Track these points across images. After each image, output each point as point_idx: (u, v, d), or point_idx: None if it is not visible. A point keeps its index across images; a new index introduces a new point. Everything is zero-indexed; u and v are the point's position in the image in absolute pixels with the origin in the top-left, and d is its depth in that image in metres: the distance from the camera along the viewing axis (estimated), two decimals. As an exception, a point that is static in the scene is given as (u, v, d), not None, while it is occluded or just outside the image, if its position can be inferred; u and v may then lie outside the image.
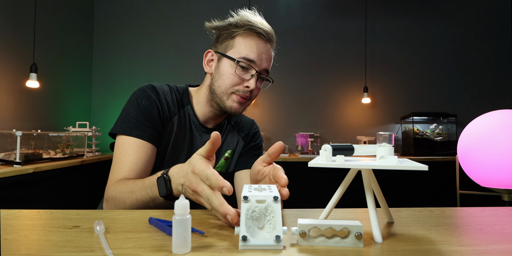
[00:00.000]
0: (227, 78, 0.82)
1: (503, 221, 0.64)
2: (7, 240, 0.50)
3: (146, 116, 0.77)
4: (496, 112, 1.44)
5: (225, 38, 0.85)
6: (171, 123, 0.82)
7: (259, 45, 0.83)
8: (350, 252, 0.46)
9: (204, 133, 0.88)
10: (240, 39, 0.83)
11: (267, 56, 0.84)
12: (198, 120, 0.87)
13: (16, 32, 2.22)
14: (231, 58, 0.82)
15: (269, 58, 0.85)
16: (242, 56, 0.81)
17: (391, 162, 0.52)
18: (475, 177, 1.44)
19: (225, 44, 0.85)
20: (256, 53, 0.82)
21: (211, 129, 0.89)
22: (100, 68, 3.19)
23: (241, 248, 0.47)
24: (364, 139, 2.87)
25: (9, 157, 1.65)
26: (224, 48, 0.84)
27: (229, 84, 0.82)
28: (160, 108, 0.80)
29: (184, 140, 0.84)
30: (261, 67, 0.83)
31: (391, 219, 0.64)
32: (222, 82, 0.82)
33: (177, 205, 0.46)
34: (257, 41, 0.83)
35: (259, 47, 0.83)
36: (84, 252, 0.45)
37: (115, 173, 0.74)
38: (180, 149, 0.84)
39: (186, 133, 0.85)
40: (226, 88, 0.82)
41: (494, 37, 3.20)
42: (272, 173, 0.60)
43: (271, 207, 0.49)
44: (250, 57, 0.81)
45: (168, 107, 0.82)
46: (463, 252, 0.47)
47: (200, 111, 0.88)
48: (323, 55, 3.20)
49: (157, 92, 0.82)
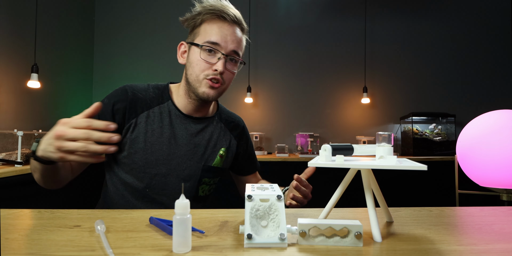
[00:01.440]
0: (195, 65, 0.82)
1: (501, 221, 0.64)
2: (9, 239, 0.50)
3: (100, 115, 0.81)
4: (495, 112, 1.44)
5: (193, 28, 0.85)
6: (137, 119, 0.83)
7: (223, 28, 0.82)
8: (350, 252, 0.46)
9: (191, 122, 0.88)
10: (205, 25, 0.83)
11: (233, 38, 0.82)
12: (181, 113, 0.87)
13: (17, 33, 2.22)
14: (197, 44, 0.82)
15: (236, 39, 0.83)
16: (206, 40, 0.81)
17: (391, 162, 0.53)
18: (474, 177, 1.44)
19: (193, 33, 0.85)
20: (219, 36, 0.81)
21: (197, 119, 0.89)
22: (101, 68, 3.18)
23: (246, 246, 0.48)
24: (363, 139, 2.88)
25: (10, 157, 1.65)
26: (192, 37, 0.85)
27: (198, 70, 0.81)
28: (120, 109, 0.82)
29: (161, 136, 0.85)
30: (228, 49, 0.82)
31: (391, 219, 0.64)
32: (192, 70, 0.83)
33: (177, 205, 0.46)
34: (220, 24, 0.82)
35: (223, 30, 0.82)
36: (85, 251, 0.45)
37: None
38: (161, 142, 0.84)
39: (164, 128, 0.85)
40: (196, 75, 0.82)
41: (493, 38, 3.20)
42: None
43: (275, 206, 0.50)
44: (213, 40, 0.80)
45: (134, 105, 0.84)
46: (462, 251, 0.47)
47: (181, 104, 0.88)
48: (322, 55, 3.20)
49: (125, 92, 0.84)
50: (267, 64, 3.16)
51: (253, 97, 3.11)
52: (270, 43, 3.17)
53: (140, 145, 0.83)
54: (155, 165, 0.84)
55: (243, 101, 3.12)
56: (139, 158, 0.83)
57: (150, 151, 0.83)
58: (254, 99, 3.14)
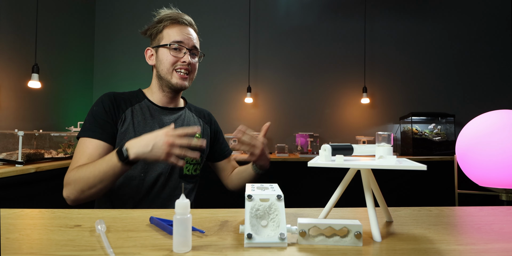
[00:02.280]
0: (166, 61, 0.99)
1: (501, 220, 0.65)
2: (9, 239, 0.50)
3: (96, 120, 0.93)
4: (494, 112, 1.44)
5: (156, 34, 1.03)
6: (125, 114, 0.97)
7: (182, 30, 1.01)
8: (350, 251, 0.47)
9: (168, 113, 1.04)
10: (167, 30, 1.01)
11: (191, 37, 1.02)
12: (158, 106, 1.03)
13: (18, 33, 2.22)
14: (165, 45, 0.99)
15: (194, 37, 1.03)
16: (172, 41, 0.99)
17: (390, 162, 0.53)
18: (473, 176, 1.44)
19: (157, 38, 1.02)
20: (182, 36, 1.00)
21: (172, 109, 1.05)
22: (101, 68, 3.18)
23: (246, 245, 0.48)
24: (363, 139, 2.88)
25: (11, 157, 1.65)
26: (157, 42, 1.02)
27: (169, 64, 0.99)
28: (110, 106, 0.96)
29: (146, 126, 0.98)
30: (190, 45, 1.01)
31: (390, 218, 0.64)
32: (163, 66, 0.99)
33: (177, 205, 0.46)
34: (179, 27, 1.01)
35: (183, 31, 1.01)
36: (85, 251, 0.45)
37: (73, 164, 0.88)
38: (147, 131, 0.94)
39: (147, 119, 0.99)
40: (167, 69, 0.99)
41: (492, 38, 3.20)
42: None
43: (275, 206, 0.50)
44: (178, 39, 0.99)
45: (119, 103, 0.98)
46: (461, 251, 0.47)
47: (157, 99, 1.04)
48: (322, 56, 3.21)
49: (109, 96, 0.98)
50: (267, 65, 3.16)
51: (253, 97, 3.11)
52: (270, 44, 3.17)
53: (130, 135, 0.94)
54: None
55: (243, 101, 3.13)
56: None
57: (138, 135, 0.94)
58: (254, 99, 3.14)
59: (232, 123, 3.11)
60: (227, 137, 2.90)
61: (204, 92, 3.08)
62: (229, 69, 3.10)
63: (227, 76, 3.11)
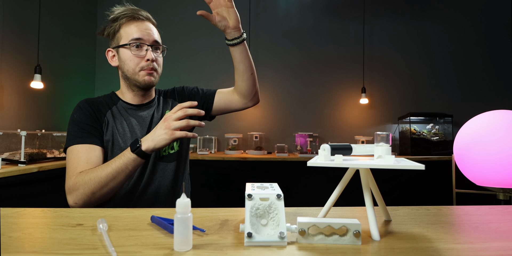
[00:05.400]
0: (129, 61, 0.96)
1: (498, 219, 0.65)
2: (12, 238, 0.50)
3: (80, 127, 0.92)
4: (491, 112, 1.45)
5: (114, 34, 0.99)
6: (106, 119, 0.97)
7: (140, 26, 0.97)
8: (349, 250, 0.47)
9: (144, 109, 1.03)
10: (123, 28, 0.97)
11: (150, 31, 0.98)
12: (133, 105, 1.02)
13: (20, 34, 2.23)
14: (124, 44, 0.96)
15: (153, 31, 0.99)
16: (131, 39, 0.95)
17: (389, 162, 0.53)
18: (471, 176, 1.45)
19: (115, 38, 0.99)
20: (140, 32, 0.95)
21: (147, 104, 1.04)
22: (103, 69, 3.18)
23: (246, 244, 0.48)
24: (362, 139, 2.89)
25: (14, 156, 1.65)
26: (117, 41, 0.98)
27: (133, 64, 0.96)
28: (91, 111, 0.96)
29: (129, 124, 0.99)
30: (151, 40, 0.97)
31: (389, 217, 0.65)
32: (128, 66, 0.96)
33: (178, 204, 0.46)
34: (136, 23, 0.97)
35: (140, 27, 0.96)
36: (87, 249, 0.46)
37: (72, 172, 0.85)
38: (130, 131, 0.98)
39: (126, 119, 0.99)
40: (133, 69, 0.96)
41: (490, 39, 3.21)
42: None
43: (275, 205, 0.50)
44: (136, 36, 0.95)
45: (98, 108, 0.98)
46: (459, 249, 0.48)
47: (129, 99, 1.02)
48: (321, 57, 3.21)
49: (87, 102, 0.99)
50: (266, 65, 3.16)
51: (252, 97, 3.11)
52: (269, 44, 3.17)
53: (116, 138, 0.95)
54: None
55: (242, 101, 3.12)
56: (118, 148, 0.95)
57: (124, 140, 0.96)
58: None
59: (232, 123, 3.12)
60: (227, 137, 2.91)
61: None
62: (229, 69, 3.10)
63: (227, 77, 3.11)
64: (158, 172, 0.98)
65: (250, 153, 2.77)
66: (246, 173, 2.49)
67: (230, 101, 1.11)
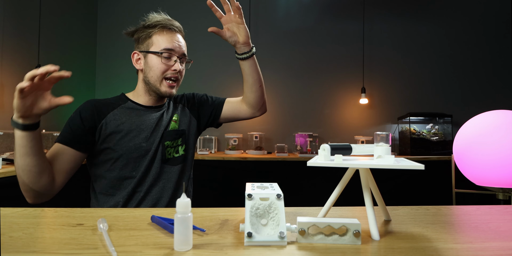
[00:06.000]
0: (156, 69, 0.99)
1: (497, 219, 0.65)
2: (13, 237, 0.51)
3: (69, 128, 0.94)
4: (491, 112, 1.45)
5: (144, 39, 1.02)
6: (106, 118, 0.97)
7: (173, 37, 1.01)
8: (348, 250, 0.47)
9: (153, 111, 1.05)
10: (156, 36, 1.00)
11: (181, 43, 1.02)
12: (142, 106, 1.04)
13: (21, 35, 2.23)
14: (155, 52, 0.99)
15: (183, 45, 1.04)
16: (163, 48, 0.98)
17: (388, 161, 0.53)
18: (470, 176, 1.45)
19: (145, 43, 1.01)
20: (172, 43, 1.00)
21: (157, 107, 1.06)
22: (103, 69, 3.18)
23: (246, 244, 0.48)
24: (361, 139, 2.89)
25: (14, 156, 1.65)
26: (146, 47, 1.01)
27: (159, 72, 0.99)
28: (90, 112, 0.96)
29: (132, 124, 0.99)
30: (180, 53, 1.01)
31: (388, 217, 0.65)
32: (153, 73, 0.99)
33: (178, 204, 0.47)
34: (170, 34, 1.01)
35: (173, 39, 1.01)
36: (87, 249, 0.46)
37: None
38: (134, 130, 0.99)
39: (133, 118, 1.00)
40: (157, 76, 0.99)
41: (489, 39, 3.21)
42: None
43: (275, 205, 0.50)
44: (169, 47, 0.99)
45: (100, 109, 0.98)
46: (459, 249, 0.48)
47: (143, 101, 1.05)
48: (321, 57, 3.21)
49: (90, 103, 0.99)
50: (267, 65, 3.16)
51: (252, 97, 3.11)
52: (269, 44, 3.17)
53: (117, 137, 0.96)
54: (134, 150, 0.97)
55: (241, 101, 3.13)
56: (119, 148, 0.96)
57: (127, 139, 0.97)
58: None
59: (232, 123, 3.12)
60: (228, 137, 2.91)
61: (203, 92, 3.08)
62: (229, 70, 3.10)
63: (227, 77, 3.11)
64: (163, 174, 1.01)
65: (250, 153, 2.77)
66: (246, 173, 2.49)
67: (239, 110, 1.15)
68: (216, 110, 1.15)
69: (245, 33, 0.97)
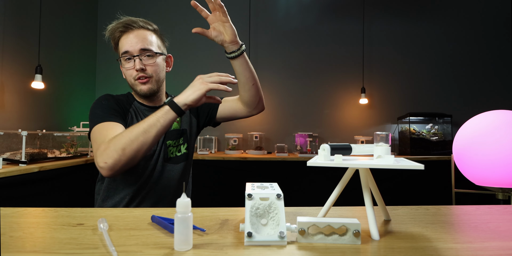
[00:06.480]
0: (125, 74, 1.02)
1: (497, 219, 0.65)
2: (13, 237, 0.51)
3: (110, 109, 0.95)
4: (490, 112, 1.46)
5: (115, 48, 1.04)
6: (130, 113, 1.02)
7: (128, 38, 0.98)
8: (348, 249, 0.47)
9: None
10: (121, 40, 1.00)
11: (137, 39, 0.98)
12: (147, 106, 1.06)
13: (21, 35, 2.23)
14: (118, 59, 1.02)
15: (140, 39, 0.98)
16: (121, 53, 0.99)
17: (388, 161, 0.54)
18: (470, 176, 1.46)
19: (118, 49, 1.03)
20: (127, 44, 0.97)
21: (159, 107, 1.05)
22: (104, 69, 3.18)
23: (246, 244, 0.48)
24: (361, 139, 2.89)
25: (14, 156, 1.65)
26: (119, 55, 1.03)
27: (129, 76, 1.00)
28: (118, 103, 1.00)
29: None
30: (136, 50, 0.97)
31: (388, 217, 0.65)
32: (127, 78, 1.02)
33: (178, 204, 0.47)
34: (126, 35, 0.99)
35: (128, 38, 0.98)
36: (88, 249, 0.46)
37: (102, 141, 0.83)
38: None
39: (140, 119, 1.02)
40: (130, 80, 1.01)
41: (489, 39, 3.21)
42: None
43: (274, 204, 0.50)
44: (124, 49, 0.98)
45: (122, 103, 1.02)
46: (458, 249, 0.48)
47: (144, 101, 1.07)
48: (321, 57, 3.21)
49: (111, 96, 1.03)
50: (266, 65, 3.16)
51: (252, 97, 3.11)
52: (269, 45, 3.17)
53: None
54: None
55: (241, 101, 3.13)
56: None
57: None
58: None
59: (232, 123, 3.12)
60: (228, 137, 2.91)
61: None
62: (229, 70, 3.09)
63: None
64: (165, 172, 1.02)
65: (250, 153, 2.77)
66: (246, 173, 2.50)
67: (235, 109, 1.13)
68: (213, 109, 1.14)
69: (231, 31, 0.93)
